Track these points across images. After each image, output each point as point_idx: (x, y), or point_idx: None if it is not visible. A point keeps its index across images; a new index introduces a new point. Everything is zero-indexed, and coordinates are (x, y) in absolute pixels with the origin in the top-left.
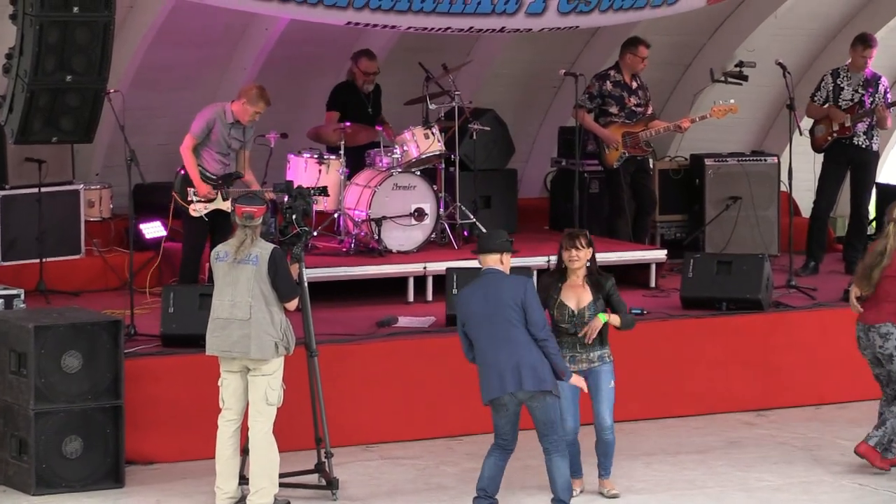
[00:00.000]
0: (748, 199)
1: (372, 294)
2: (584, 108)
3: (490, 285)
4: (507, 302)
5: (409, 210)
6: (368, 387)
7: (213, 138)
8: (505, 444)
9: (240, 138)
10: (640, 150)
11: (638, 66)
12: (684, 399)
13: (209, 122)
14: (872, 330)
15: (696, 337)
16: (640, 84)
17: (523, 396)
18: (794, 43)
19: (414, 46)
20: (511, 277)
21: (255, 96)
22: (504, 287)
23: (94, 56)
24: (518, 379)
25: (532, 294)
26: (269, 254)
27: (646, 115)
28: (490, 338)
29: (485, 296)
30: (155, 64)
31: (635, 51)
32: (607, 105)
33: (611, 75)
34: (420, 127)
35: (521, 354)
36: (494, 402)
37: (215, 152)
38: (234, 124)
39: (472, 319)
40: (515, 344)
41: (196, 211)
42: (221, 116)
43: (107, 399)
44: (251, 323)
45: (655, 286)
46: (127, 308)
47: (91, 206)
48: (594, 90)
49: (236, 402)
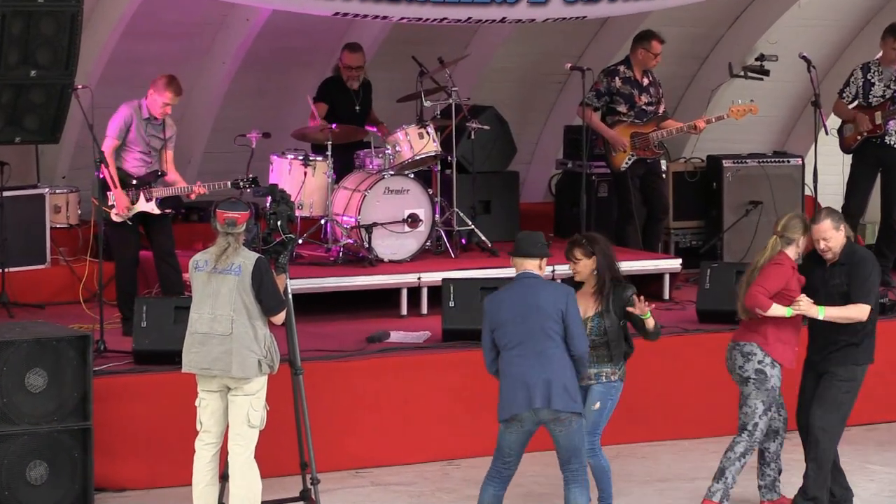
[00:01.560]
0: (770, 203)
1: (362, 307)
2: (591, 106)
3: (527, 291)
4: (545, 311)
5: (401, 216)
6: (358, 407)
7: (131, 137)
8: (504, 469)
9: (159, 136)
10: (651, 153)
11: (650, 63)
12: (701, 420)
13: (126, 120)
14: (736, 348)
15: (713, 353)
16: (652, 80)
17: (546, 416)
18: (819, 34)
19: (407, 39)
20: (552, 285)
21: (162, 85)
22: (543, 295)
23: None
24: (547, 396)
25: (574, 305)
26: (253, 263)
27: (657, 114)
28: (521, 348)
29: (521, 302)
30: (126, 57)
31: (648, 46)
32: (615, 103)
33: (620, 71)
34: (414, 126)
35: (554, 370)
36: (513, 419)
37: (137, 152)
38: (149, 120)
39: (504, 327)
40: (549, 358)
41: (119, 216)
42: (137, 112)
43: (74, 421)
44: (233, 338)
45: (669, 298)
46: (96, 322)
47: (57, 212)
48: (602, 87)
49: (215, 424)
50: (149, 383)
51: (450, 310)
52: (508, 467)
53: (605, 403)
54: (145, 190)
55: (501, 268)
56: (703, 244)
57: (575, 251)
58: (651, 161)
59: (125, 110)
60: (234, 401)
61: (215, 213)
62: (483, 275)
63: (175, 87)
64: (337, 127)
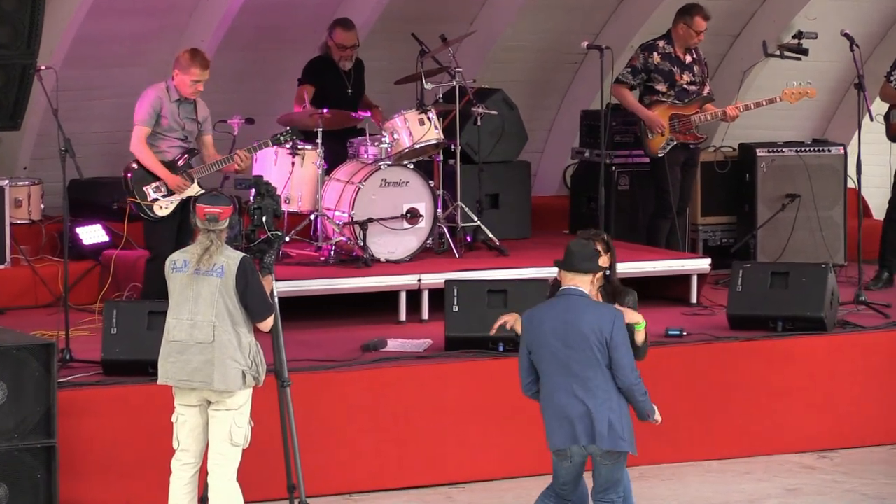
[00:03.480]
0: (808, 197)
1: (356, 312)
2: (625, 83)
3: (571, 311)
4: (587, 336)
5: (400, 211)
6: (352, 424)
7: (164, 123)
8: (564, 494)
9: (193, 117)
10: (692, 137)
11: (692, 41)
12: (732, 438)
13: (154, 104)
14: None
15: (745, 363)
16: (696, 58)
17: (595, 451)
18: (863, 9)
19: (406, 14)
20: (597, 306)
21: (185, 61)
22: (587, 317)
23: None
24: (591, 432)
25: (621, 330)
26: (238, 263)
27: (701, 95)
28: (560, 376)
29: (563, 322)
30: (94, 36)
31: (690, 22)
32: (654, 81)
33: (660, 46)
34: (413, 111)
35: (597, 404)
36: (559, 452)
37: (174, 139)
38: (180, 101)
39: (544, 349)
40: (590, 389)
41: (164, 208)
42: (166, 95)
43: (37, 438)
44: (214, 347)
45: (697, 302)
46: (61, 329)
47: (18, 206)
48: (638, 63)
49: (194, 441)
50: (119, 396)
51: (453, 315)
52: (567, 493)
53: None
54: (188, 172)
55: (510, 268)
56: (734, 242)
57: (596, 243)
58: (693, 147)
59: (152, 93)
60: (216, 416)
61: (195, 208)
62: (490, 276)
63: (201, 60)
64: (328, 112)
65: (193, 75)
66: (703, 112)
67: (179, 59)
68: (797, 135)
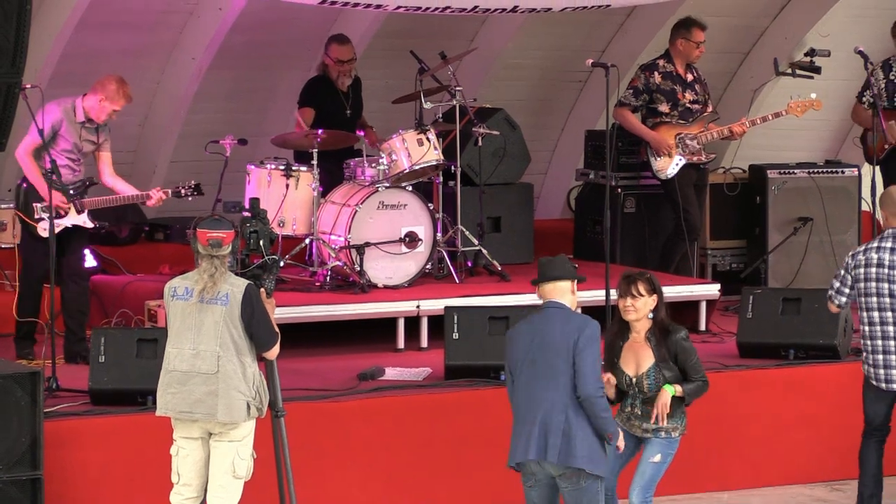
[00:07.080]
0: (821, 220)
1: (352, 339)
2: (628, 105)
3: (545, 323)
4: (554, 346)
5: (398, 235)
6: (348, 455)
7: (60, 143)
8: None
9: (93, 139)
10: (700, 156)
11: (692, 54)
12: (741, 469)
13: (55, 122)
14: None
15: (756, 392)
16: (697, 76)
17: (552, 470)
18: (877, 26)
19: (404, 31)
20: (570, 316)
21: (114, 92)
22: (555, 328)
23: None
24: (543, 446)
25: (588, 339)
26: (243, 291)
27: (705, 113)
28: (526, 388)
29: (532, 336)
30: (81, 52)
31: (688, 34)
32: (656, 102)
33: (660, 65)
34: (412, 131)
35: (554, 416)
36: (521, 468)
37: (64, 157)
38: (85, 123)
39: (519, 366)
40: (550, 401)
41: (45, 230)
42: (70, 115)
43: (22, 469)
44: (219, 378)
45: (706, 329)
46: (48, 357)
47: (3, 230)
48: (640, 83)
49: (196, 475)
50: (108, 427)
51: (453, 343)
52: None
53: (666, 458)
54: (77, 201)
55: (512, 294)
56: (744, 267)
57: (639, 284)
58: (703, 167)
59: (55, 113)
60: (218, 448)
61: (196, 233)
62: (491, 303)
63: (128, 92)
64: (324, 132)
65: (118, 106)
66: (708, 131)
67: (107, 86)
68: (809, 156)
